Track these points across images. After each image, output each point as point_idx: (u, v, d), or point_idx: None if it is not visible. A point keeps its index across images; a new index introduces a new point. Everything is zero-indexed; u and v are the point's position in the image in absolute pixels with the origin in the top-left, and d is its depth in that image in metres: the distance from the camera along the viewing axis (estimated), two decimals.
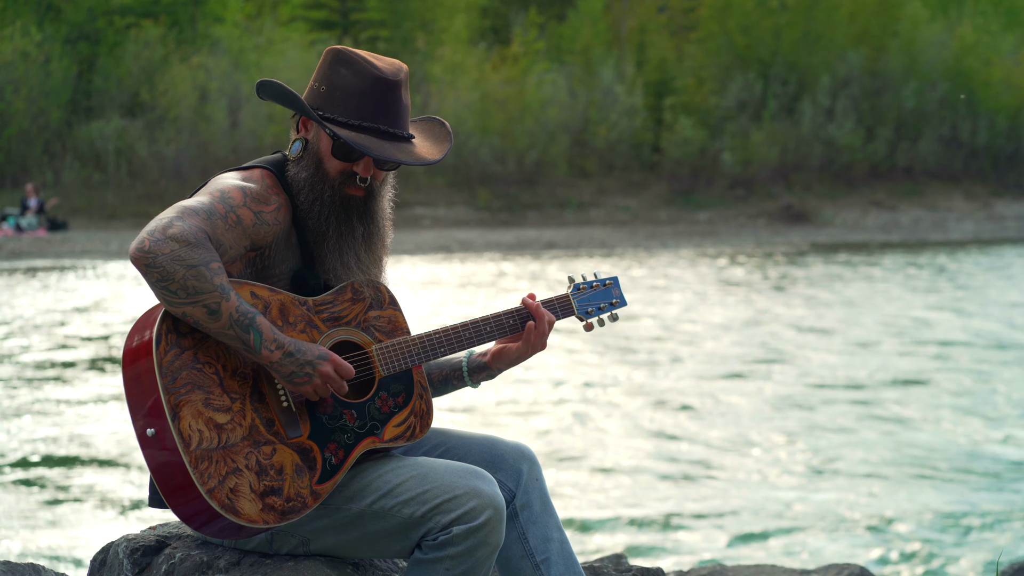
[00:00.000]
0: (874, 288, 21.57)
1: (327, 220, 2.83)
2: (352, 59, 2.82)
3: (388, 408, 2.86)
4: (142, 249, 2.54)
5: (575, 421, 10.74)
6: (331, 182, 2.83)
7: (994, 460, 9.43)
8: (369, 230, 2.90)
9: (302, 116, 2.88)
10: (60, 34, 38.48)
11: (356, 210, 2.86)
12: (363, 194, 2.87)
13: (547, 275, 23.25)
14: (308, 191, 2.83)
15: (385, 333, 2.91)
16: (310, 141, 2.86)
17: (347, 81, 2.81)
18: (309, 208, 2.83)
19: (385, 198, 2.95)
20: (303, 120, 2.88)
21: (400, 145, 2.84)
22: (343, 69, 2.82)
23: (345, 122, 2.79)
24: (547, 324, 3.02)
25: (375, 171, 2.87)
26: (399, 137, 2.85)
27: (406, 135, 2.87)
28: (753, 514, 8.02)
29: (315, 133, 2.86)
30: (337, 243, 2.85)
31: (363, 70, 2.81)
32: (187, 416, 2.58)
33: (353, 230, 2.86)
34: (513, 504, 2.94)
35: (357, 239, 2.87)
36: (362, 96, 2.80)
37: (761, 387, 12.23)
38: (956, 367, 13.43)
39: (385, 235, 2.96)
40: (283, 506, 2.67)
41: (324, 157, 2.84)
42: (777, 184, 42.15)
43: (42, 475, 8.67)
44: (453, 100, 39.78)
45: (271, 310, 2.74)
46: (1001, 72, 46.91)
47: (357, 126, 2.79)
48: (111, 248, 27.84)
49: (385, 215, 2.95)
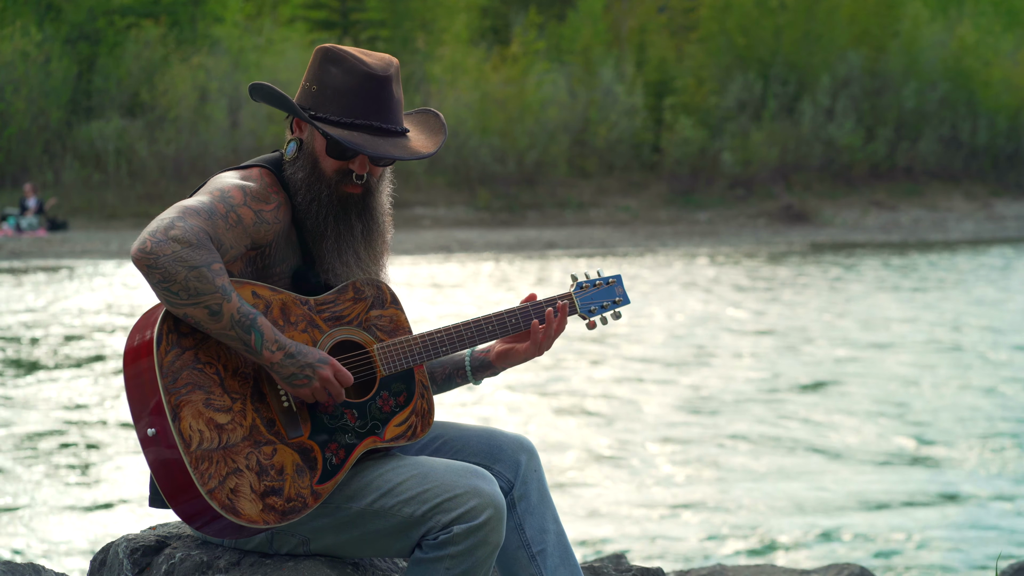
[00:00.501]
0: (836, 287, 21.43)
1: (325, 220, 2.82)
2: (342, 57, 2.82)
3: (389, 408, 2.86)
4: (144, 250, 2.54)
5: (574, 418, 10.75)
6: (327, 181, 2.83)
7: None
8: (368, 227, 2.89)
9: (293, 120, 2.89)
10: (60, 34, 38.48)
11: (355, 208, 2.86)
12: (361, 191, 2.86)
13: (547, 275, 23.25)
14: (305, 191, 2.83)
15: (387, 332, 2.91)
16: (304, 141, 2.85)
17: (338, 79, 2.80)
18: (307, 208, 2.83)
19: (384, 194, 2.95)
20: (296, 121, 2.88)
21: (394, 140, 2.84)
22: (333, 68, 2.81)
23: (338, 121, 2.78)
24: (556, 327, 3.02)
25: (371, 167, 2.86)
26: (393, 132, 2.84)
27: (400, 130, 2.87)
28: (753, 513, 8.01)
29: (309, 133, 2.85)
30: (336, 242, 2.84)
31: (353, 68, 2.80)
32: (188, 416, 2.58)
33: (352, 228, 2.86)
34: (511, 495, 2.94)
35: (356, 237, 2.86)
36: (353, 94, 2.79)
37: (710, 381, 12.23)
38: (870, 371, 13.31)
39: (385, 231, 2.96)
40: (284, 506, 2.66)
41: (319, 157, 2.83)
42: (777, 184, 42.15)
43: (42, 475, 8.67)
44: (453, 100, 39.77)
45: (272, 309, 2.74)
46: (1001, 72, 46.92)
47: (350, 124, 2.79)
48: (111, 248, 27.84)
49: (384, 211, 2.95)
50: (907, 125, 45.23)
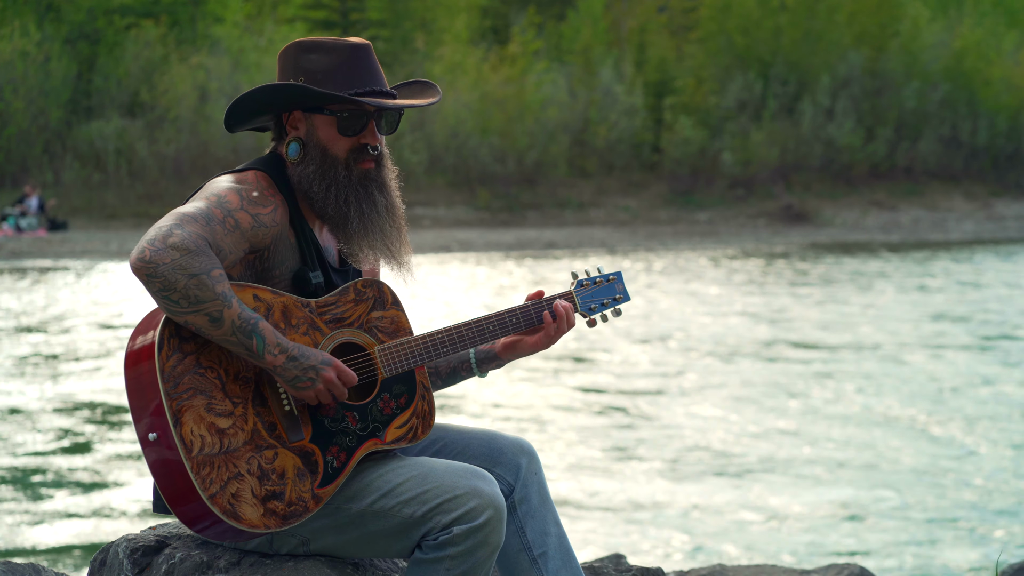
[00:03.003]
0: (797, 291, 21.37)
1: (347, 200, 2.82)
2: (316, 42, 2.83)
3: (390, 410, 2.85)
4: (143, 259, 2.53)
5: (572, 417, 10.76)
6: (343, 163, 2.83)
7: None
8: (390, 200, 2.91)
9: (287, 118, 2.86)
10: (60, 34, 38.49)
11: (374, 182, 2.87)
12: (374, 165, 2.88)
13: (547, 275, 23.25)
14: (319, 181, 2.82)
15: (388, 334, 2.91)
16: (305, 137, 2.84)
17: (323, 62, 2.80)
18: (325, 197, 2.82)
19: (390, 169, 2.96)
20: (291, 121, 2.86)
21: (398, 101, 2.87)
22: (312, 55, 2.81)
23: (344, 96, 2.78)
24: (566, 323, 3.02)
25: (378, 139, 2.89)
26: (391, 95, 2.88)
27: (395, 94, 2.90)
28: (753, 512, 8.02)
29: (307, 126, 2.84)
30: (361, 221, 2.84)
31: (334, 47, 2.82)
32: (189, 421, 2.58)
33: (375, 204, 2.86)
34: (512, 498, 2.94)
35: (381, 212, 2.87)
36: (347, 67, 2.80)
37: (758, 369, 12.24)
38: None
39: (400, 205, 2.97)
40: (285, 510, 2.67)
41: (328, 143, 2.82)
42: (777, 184, 42.16)
43: (43, 475, 8.67)
44: (453, 100, 39.77)
45: (274, 312, 2.73)
46: (1001, 72, 46.93)
47: (355, 95, 2.80)
48: (111, 248, 27.85)
49: (395, 185, 2.96)
50: (907, 125, 45.24)
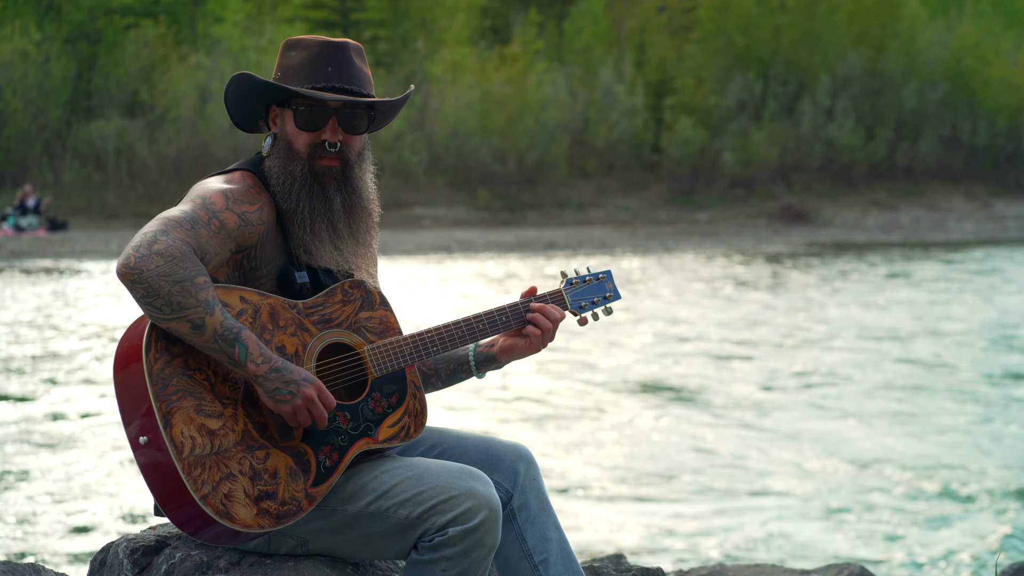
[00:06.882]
0: (778, 291, 21.35)
1: (298, 194, 2.83)
2: (300, 40, 2.90)
3: (382, 409, 2.85)
4: (128, 265, 2.55)
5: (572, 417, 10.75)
6: (301, 158, 2.84)
7: None
8: (350, 200, 2.88)
9: (269, 115, 2.91)
10: (60, 34, 38.51)
11: (333, 181, 2.86)
12: (339, 164, 2.87)
13: (547, 274, 23.25)
14: (280, 174, 2.84)
15: (376, 334, 2.91)
16: (278, 132, 2.89)
17: (298, 58, 2.87)
18: (284, 192, 2.84)
19: (366, 172, 2.95)
20: (272, 117, 2.90)
21: (349, 97, 2.86)
22: (292, 51, 2.89)
23: (301, 92, 2.81)
24: (552, 322, 3.02)
25: (346, 137, 2.87)
26: (358, 95, 2.87)
27: (366, 93, 2.89)
28: (754, 513, 8.02)
29: (281, 122, 2.88)
30: (309, 215, 2.84)
31: (310, 43, 2.88)
32: (179, 423, 2.58)
33: (330, 201, 2.85)
34: (510, 505, 2.94)
35: (335, 210, 2.86)
36: (314, 62, 2.84)
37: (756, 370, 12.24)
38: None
39: (371, 210, 2.95)
40: (278, 510, 2.66)
41: (292, 138, 2.85)
42: (777, 184, 42.18)
43: (43, 475, 8.67)
44: (453, 100, 39.79)
45: (261, 314, 2.74)
46: (1001, 72, 46.95)
47: (311, 89, 2.82)
48: (111, 248, 27.86)
49: (368, 188, 2.95)
50: (907, 125, 45.27)
